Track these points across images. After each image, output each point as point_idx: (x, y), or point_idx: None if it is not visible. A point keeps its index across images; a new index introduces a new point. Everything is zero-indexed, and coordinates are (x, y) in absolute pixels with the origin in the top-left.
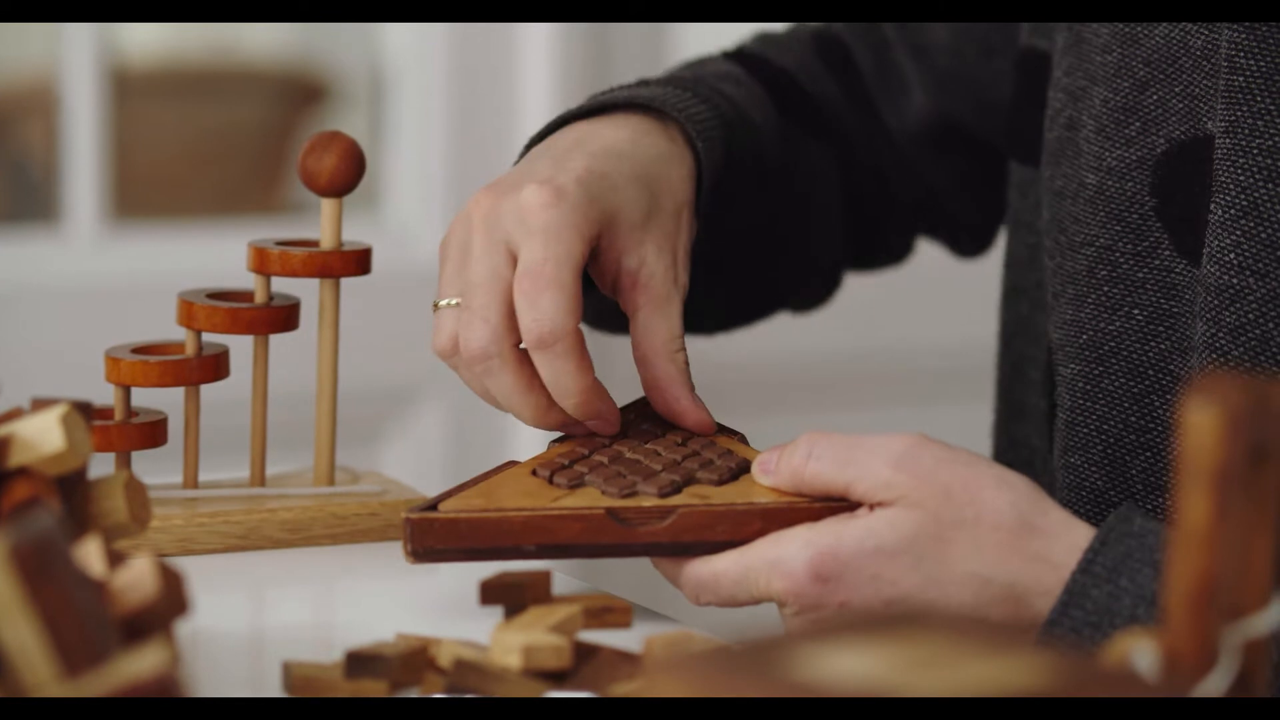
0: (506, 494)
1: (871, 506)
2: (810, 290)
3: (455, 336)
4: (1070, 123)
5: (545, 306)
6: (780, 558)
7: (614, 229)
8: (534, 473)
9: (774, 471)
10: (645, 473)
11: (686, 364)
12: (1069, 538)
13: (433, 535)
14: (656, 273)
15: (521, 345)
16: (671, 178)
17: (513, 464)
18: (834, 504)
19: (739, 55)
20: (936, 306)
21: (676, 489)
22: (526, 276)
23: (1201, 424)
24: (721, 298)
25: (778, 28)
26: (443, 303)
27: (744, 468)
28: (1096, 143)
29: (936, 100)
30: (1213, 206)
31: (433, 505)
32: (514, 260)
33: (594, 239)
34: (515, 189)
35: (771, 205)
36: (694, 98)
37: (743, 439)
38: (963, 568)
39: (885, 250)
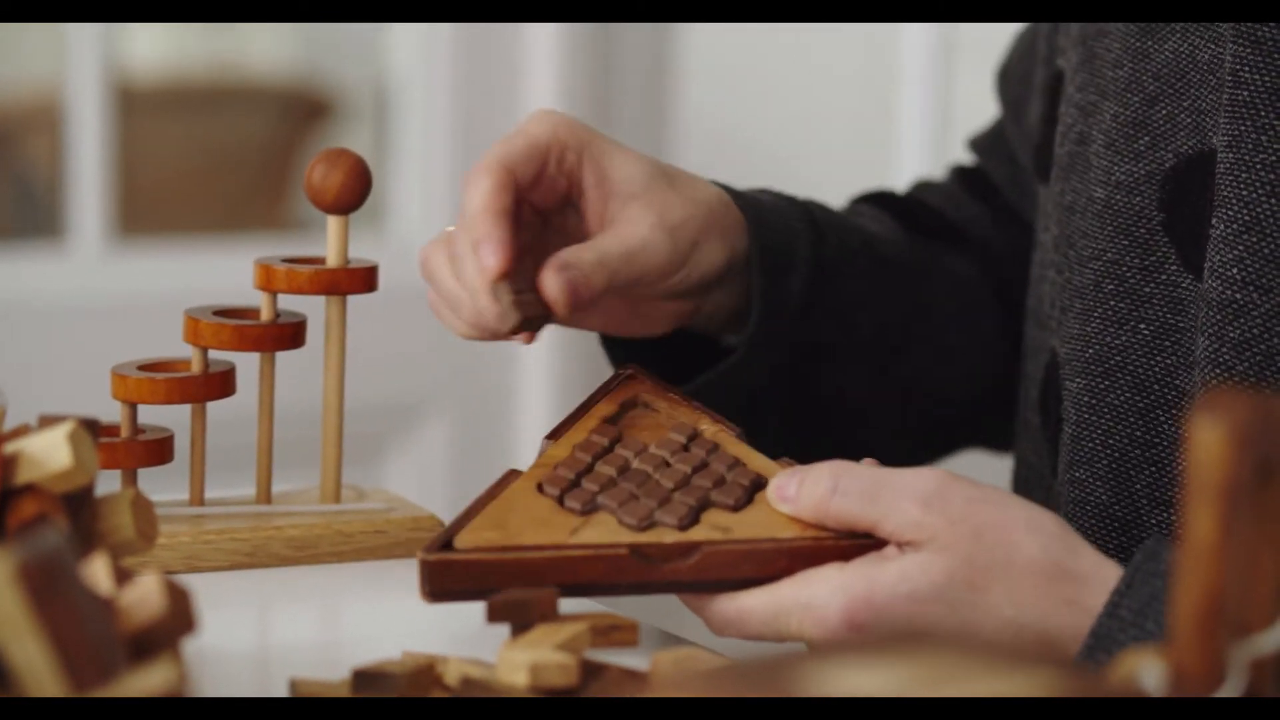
0: (521, 523)
1: (900, 545)
2: (992, 414)
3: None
4: (1081, 138)
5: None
6: (813, 602)
7: (597, 164)
8: (540, 489)
9: (795, 500)
10: (659, 495)
11: (597, 271)
12: (1100, 580)
13: (451, 578)
14: (632, 220)
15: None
16: (697, 181)
17: (515, 474)
18: (861, 541)
19: (873, 196)
20: None
21: (695, 516)
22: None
23: (1208, 440)
24: (900, 417)
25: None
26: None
27: (758, 484)
28: (1106, 157)
29: None
30: (1215, 221)
31: (447, 542)
32: None
33: (550, 148)
34: None
35: (909, 307)
36: (771, 195)
37: (741, 435)
38: (997, 614)
39: None
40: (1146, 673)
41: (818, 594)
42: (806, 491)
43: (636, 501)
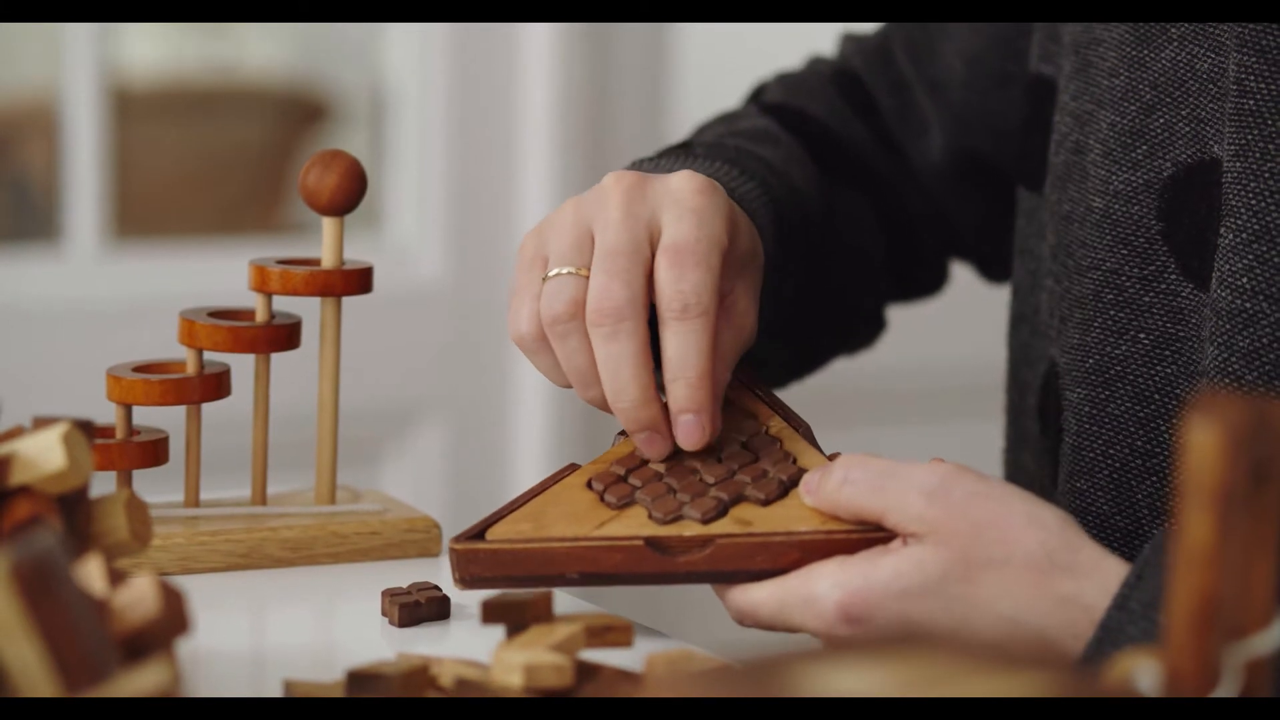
0: (554, 516)
1: (905, 538)
2: (860, 334)
3: (575, 300)
4: (1077, 147)
5: (694, 279)
6: (812, 595)
7: (726, 250)
8: (589, 485)
9: (814, 493)
10: (696, 490)
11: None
12: (1100, 576)
13: (478, 564)
14: (740, 305)
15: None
16: (758, 236)
17: (574, 468)
18: (871, 533)
19: (772, 108)
20: (949, 326)
21: (722, 511)
22: (676, 250)
23: (1203, 443)
24: (783, 357)
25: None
26: (552, 272)
27: (796, 480)
28: (1103, 166)
29: (955, 136)
30: (1223, 231)
31: (480, 532)
32: (653, 238)
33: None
34: (661, 176)
35: (821, 263)
36: (742, 176)
37: (807, 430)
38: (992, 610)
39: (918, 284)
40: (1142, 674)
41: (817, 588)
42: (822, 485)
43: (670, 496)
